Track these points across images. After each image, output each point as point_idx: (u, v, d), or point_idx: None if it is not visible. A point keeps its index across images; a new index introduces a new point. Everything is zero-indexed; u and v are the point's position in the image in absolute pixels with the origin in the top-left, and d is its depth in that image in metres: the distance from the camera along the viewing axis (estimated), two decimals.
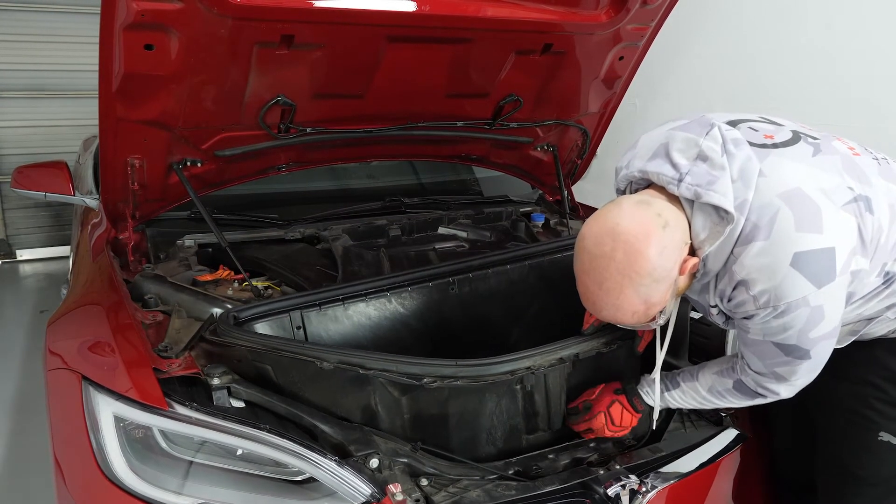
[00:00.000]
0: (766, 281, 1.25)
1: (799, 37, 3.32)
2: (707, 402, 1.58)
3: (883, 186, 1.34)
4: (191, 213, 2.41)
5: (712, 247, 1.30)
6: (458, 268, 2.07)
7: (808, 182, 1.27)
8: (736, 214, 1.25)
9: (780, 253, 1.23)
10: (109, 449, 1.40)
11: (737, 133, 1.33)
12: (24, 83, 5.25)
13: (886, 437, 1.50)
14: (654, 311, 1.36)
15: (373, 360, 1.51)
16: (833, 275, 1.24)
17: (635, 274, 1.28)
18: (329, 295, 1.89)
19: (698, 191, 1.26)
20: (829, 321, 1.29)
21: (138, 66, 1.74)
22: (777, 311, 1.27)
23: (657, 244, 1.27)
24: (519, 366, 1.53)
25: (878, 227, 1.30)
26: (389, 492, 1.38)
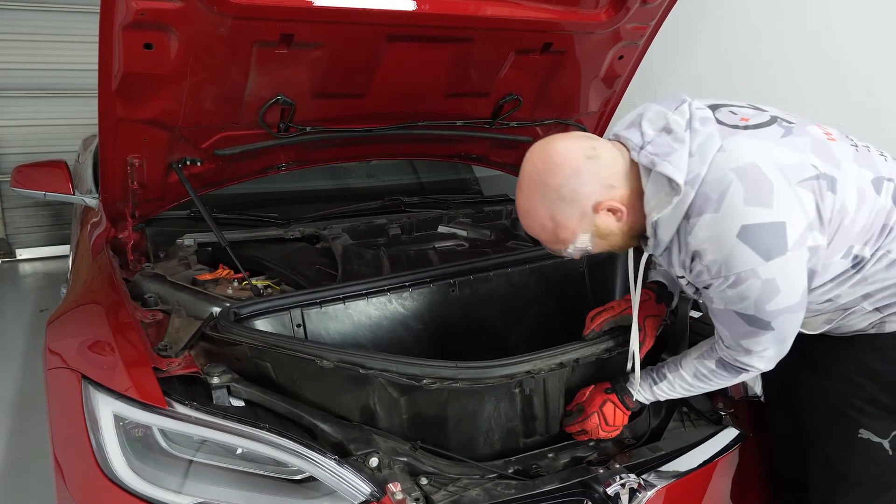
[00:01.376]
0: (715, 252, 1.29)
1: (799, 36, 3.31)
2: (695, 387, 1.57)
3: (854, 171, 1.35)
4: (190, 213, 2.41)
5: (660, 214, 1.33)
6: (460, 269, 2.07)
7: (765, 158, 1.29)
8: (686, 188, 1.29)
9: (727, 225, 1.26)
10: (109, 448, 1.40)
11: (707, 113, 1.37)
12: (23, 82, 5.25)
13: (866, 434, 1.50)
14: (564, 237, 1.39)
15: (372, 360, 1.51)
16: (783, 248, 1.26)
17: (545, 184, 1.35)
18: (330, 294, 1.89)
19: (655, 160, 1.31)
20: (788, 295, 1.30)
21: (138, 66, 1.74)
22: (729, 282, 1.30)
23: (574, 165, 1.33)
24: (518, 369, 1.52)
25: (840, 207, 1.31)
26: (389, 491, 1.38)
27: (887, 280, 1.39)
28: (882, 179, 1.37)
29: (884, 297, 1.42)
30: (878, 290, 1.41)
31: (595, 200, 1.34)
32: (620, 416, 1.61)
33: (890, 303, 1.42)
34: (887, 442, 1.48)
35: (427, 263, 2.33)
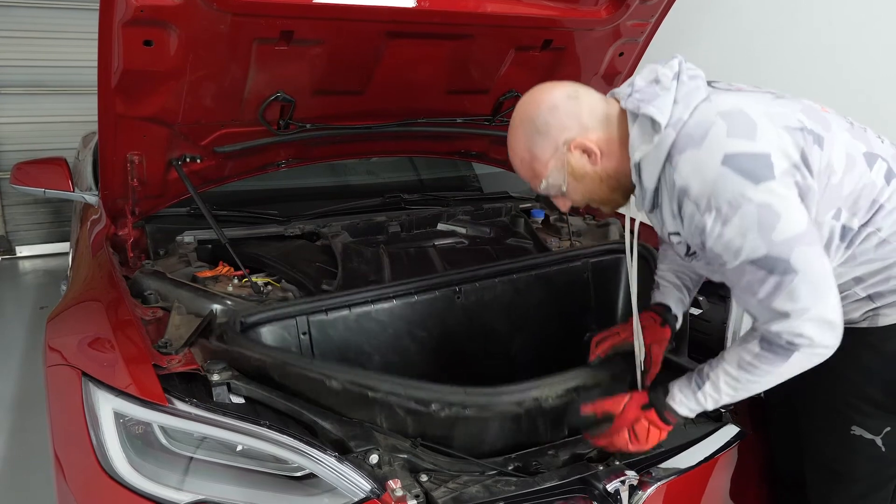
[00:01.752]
0: (700, 182, 1.27)
1: (800, 33, 3.31)
2: (741, 382, 1.40)
3: (845, 138, 1.35)
4: (190, 210, 2.41)
5: (642, 154, 1.35)
6: (466, 277, 2.08)
7: (752, 106, 1.31)
8: (667, 130, 1.31)
9: (710, 155, 1.26)
10: (109, 445, 1.40)
11: (699, 72, 1.40)
12: (23, 79, 5.25)
13: (858, 430, 1.48)
14: (538, 170, 1.44)
15: (382, 383, 1.51)
16: (770, 174, 1.23)
17: (525, 116, 1.43)
18: (336, 301, 1.90)
19: (640, 104, 1.34)
20: (791, 222, 1.24)
21: (137, 63, 1.74)
22: (721, 214, 1.25)
23: (552, 101, 1.40)
24: (526, 396, 1.54)
25: (827, 164, 1.31)
26: (389, 488, 1.38)
27: (877, 262, 1.38)
28: (876, 156, 1.37)
29: (875, 282, 1.40)
30: (869, 273, 1.39)
31: (568, 136, 1.39)
32: (655, 435, 1.49)
33: (882, 290, 1.40)
34: (880, 439, 1.46)
35: (427, 261, 2.33)
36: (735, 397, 1.43)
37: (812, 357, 1.32)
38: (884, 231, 1.35)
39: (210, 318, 1.86)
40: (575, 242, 2.62)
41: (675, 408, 1.46)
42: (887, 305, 1.41)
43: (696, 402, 1.45)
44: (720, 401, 1.44)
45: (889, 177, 1.36)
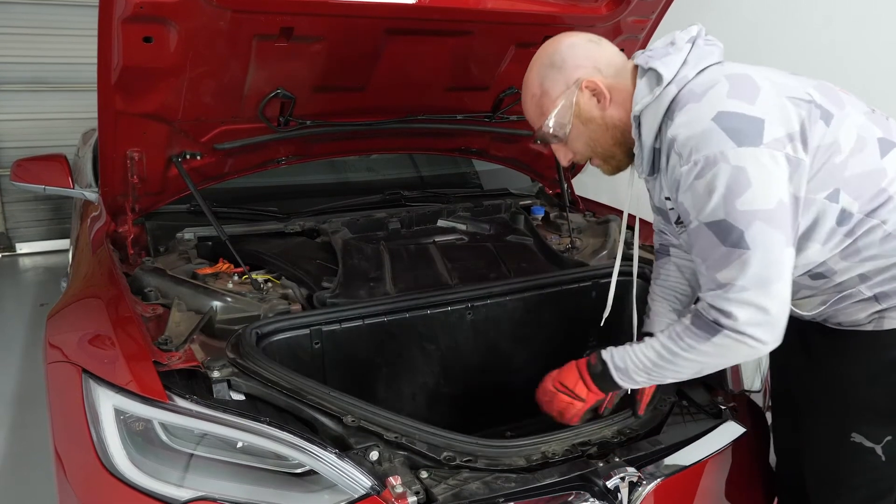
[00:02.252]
0: (688, 133, 1.26)
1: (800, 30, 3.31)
2: (665, 353, 1.39)
3: (860, 120, 1.32)
4: (190, 206, 2.41)
5: (643, 106, 1.36)
6: (479, 294, 2.09)
7: (760, 72, 1.31)
8: (669, 86, 1.32)
9: (705, 109, 1.26)
10: (110, 442, 1.40)
11: (717, 42, 1.40)
12: (23, 76, 5.25)
13: (859, 438, 1.44)
14: (546, 106, 1.44)
15: (396, 424, 1.52)
16: (757, 140, 1.21)
17: (544, 53, 1.45)
18: (351, 314, 1.92)
19: (649, 59, 1.37)
20: (760, 194, 1.21)
21: (137, 59, 1.74)
22: (697, 167, 1.24)
23: (572, 40, 1.43)
24: (535, 450, 1.55)
25: (832, 142, 1.27)
26: (389, 484, 1.38)
27: (882, 258, 1.33)
28: (892, 144, 1.32)
29: (881, 280, 1.35)
30: (875, 270, 1.35)
31: (580, 75, 1.40)
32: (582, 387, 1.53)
33: (887, 290, 1.36)
34: (880, 448, 1.43)
35: (427, 258, 2.34)
36: (653, 371, 1.43)
37: (737, 346, 1.29)
38: (889, 224, 1.31)
39: (210, 314, 1.86)
40: (575, 239, 2.62)
41: (604, 356, 1.50)
42: (894, 308, 1.37)
43: (622, 358, 1.48)
44: (639, 367, 1.45)
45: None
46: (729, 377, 1.88)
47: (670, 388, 1.80)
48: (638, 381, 1.47)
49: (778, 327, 1.28)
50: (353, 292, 2.05)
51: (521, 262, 2.39)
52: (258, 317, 1.87)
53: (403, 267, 2.25)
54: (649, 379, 1.46)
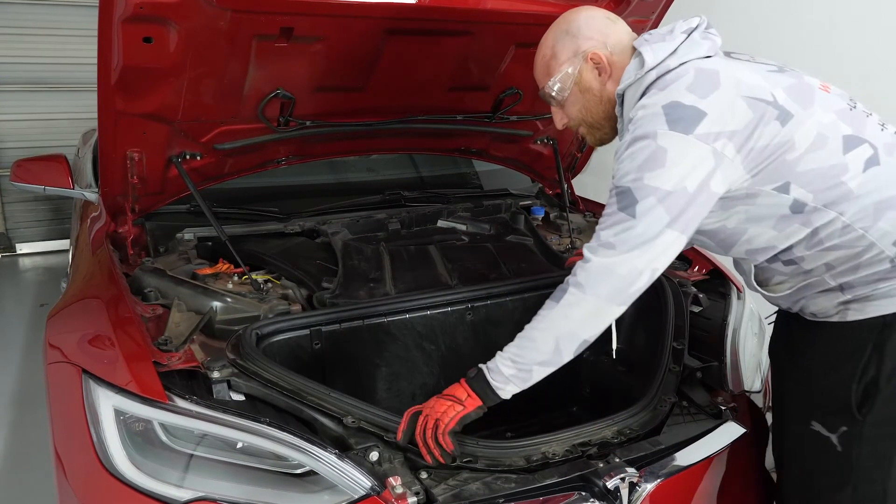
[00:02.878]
0: (643, 113, 1.37)
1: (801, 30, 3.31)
2: (524, 335, 1.46)
3: (826, 118, 1.37)
4: (190, 207, 2.41)
5: (625, 86, 1.46)
6: (479, 294, 2.09)
7: (729, 70, 1.37)
8: (649, 71, 1.40)
9: (663, 97, 1.35)
10: (110, 442, 1.40)
11: (715, 36, 1.46)
12: (23, 76, 5.24)
13: (817, 426, 1.47)
14: (553, 68, 1.55)
15: (397, 424, 1.51)
16: (689, 129, 1.30)
17: (563, 20, 1.56)
18: (351, 314, 1.92)
19: (643, 43, 1.46)
20: (667, 175, 1.31)
21: (137, 59, 1.74)
22: (631, 139, 1.36)
23: (591, 13, 1.54)
24: (535, 451, 1.56)
25: (785, 141, 1.33)
26: (389, 485, 1.38)
27: (844, 248, 1.38)
28: (861, 140, 1.37)
29: (844, 269, 1.40)
30: (838, 259, 1.39)
31: (590, 47, 1.51)
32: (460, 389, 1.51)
33: (850, 280, 1.40)
34: (835, 437, 1.45)
35: (428, 258, 2.34)
36: (517, 358, 1.46)
37: (579, 307, 1.39)
38: (847, 216, 1.35)
39: (210, 315, 1.86)
40: (575, 240, 2.62)
41: (481, 364, 1.52)
42: (857, 300, 1.41)
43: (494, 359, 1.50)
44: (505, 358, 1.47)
45: (870, 164, 1.36)
46: (729, 378, 1.89)
47: (671, 389, 1.80)
48: (507, 374, 1.47)
49: (619, 294, 1.37)
50: (353, 293, 2.05)
51: (521, 262, 2.39)
52: (258, 317, 1.87)
53: (403, 267, 2.25)
54: (517, 371, 1.46)
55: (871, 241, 1.35)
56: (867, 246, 1.36)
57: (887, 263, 1.36)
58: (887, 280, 1.37)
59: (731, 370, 1.89)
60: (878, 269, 1.37)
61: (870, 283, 1.39)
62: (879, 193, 1.35)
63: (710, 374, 1.90)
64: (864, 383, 1.40)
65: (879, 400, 1.39)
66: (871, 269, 1.38)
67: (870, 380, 1.39)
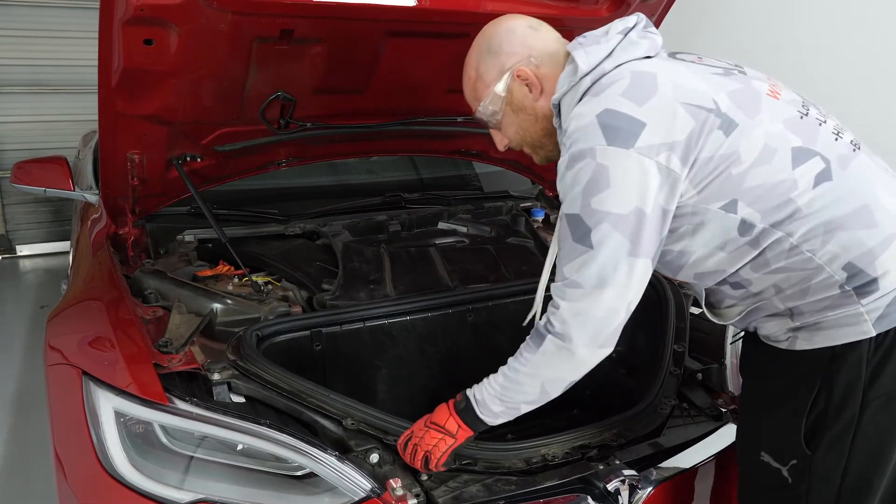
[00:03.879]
0: (576, 124, 1.27)
1: (801, 32, 3.31)
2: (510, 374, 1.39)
3: (773, 128, 1.26)
4: (191, 209, 2.41)
5: (560, 95, 1.35)
6: (480, 296, 2.09)
7: (668, 74, 1.28)
8: (584, 78, 1.31)
9: (596, 105, 1.25)
10: (110, 444, 1.40)
11: (654, 35, 1.37)
12: (23, 78, 5.24)
13: (766, 457, 1.38)
14: (479, 90, 1.44)
15: (397, 426, 1.52)
16: (629, 143, 1.20)
17: (482, 36, 1.45)
18: (351, 316, 1.92)
19: (577, 46, 1.36)
20: (617, 198, 1.21)
21: (138, 61, 1.74)
22: (570, 158, 1.26)
23: (512, 25, 1.42)
24: (535, 453, 1.55)
25: (731, 153, 1.23)
26: (390, 487, 1.38)
27: (791, 270, 1.28)
28: (811, 153, 1.25)
29: (792, 293, 1.30)
30: (787, 283, 1.30)
31: (514, 62, 1.40)
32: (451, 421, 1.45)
33: (799, 305, 1.30)
34: (786, 470, 1.36)
35: (428, 260, 2.34)
36: (504, 397, 1.39)
37: (559, 354, 1.30)
38: (795, 237, 1.25)
39: (210, 317, 1.86)
40: None
41: (468, 392, 1.45)
42: (806, 328, 1.31)
43: (480, 390, 1.43)
44: (492, 395, 1.40)
45: (821, 179, 1.25)
46: (729, 379, 1.88)
47: (671, 391, 1.80)
48: (496, 411, 1.41)
49: (601, 335, 1.29)
50: (353, 294, 2.05)
51: (521, 264, 2.39)
52: (258, 319, 1.88)
53: (404, 269, 2.25)
54: (505, 408, 1.41)
55: (818, 265, 1.25)
56: (815, 269, 1.26)
57: (836, 289, 1.26)
58: (837, 308, 1.26)
59: (731, 372, 1.89)
60: (827, 294, 1.26)
61: (819, 311, 1.28)
62: (830, 212, 1.24)
63: (710, 377, 1.89)
64: (814, 416, 1.31)
65: (829, 436, 1.30)
66: (820, 295, 1.27)
67: (819, 413, 1.30)
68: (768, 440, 1.40)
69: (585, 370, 1.35)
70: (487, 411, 1.42)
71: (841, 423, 1.29)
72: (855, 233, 1.24)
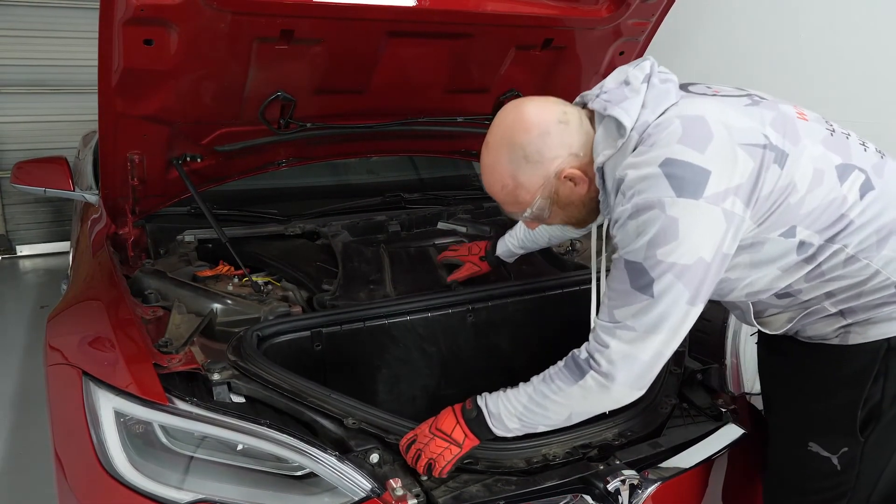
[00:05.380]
0: (636, 173, 1.25)
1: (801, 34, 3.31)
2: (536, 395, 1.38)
3: (817, 151, 1.30)
4: (191, 209, 2.41)
5: (605, 158, 1.33)
6: (480, 296, 2.09)
7: (715, 114, 1.27)
8: (631, 133, 1.29)
9: (655, 154, 1.24)
10: (110, 444, 1.40)
11: (671, 76, 1.36)
12: (23, 78, 5.25)
13: (815, 447, 1.44)
14: (523, 199, 1.40)
15: (397, 426, 1.52)
16: (698, 193, 1.20)
17: (513, 142, 1.35)
18: (351, 316, 1.92)
19: (607, 105, 1.32)
20: (685, 248, 1.21)
21: (138, 62, 1.74)
22: (634, 208, 1.24)
23: (544, 126, 1.34)
24: (535, 453, 1.56)
25: (788, 184, 1.26)
26: (390, 487, 1.38)
27: (847, 278, 1.32)
28: (852, 168, 1.31)
29: (846, 297, 1.35)
30: (840, 288, 1.34)
31: (559, 166, 1.36)
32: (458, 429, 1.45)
33: (853, 306, 1.35)
34: (836, 458, 1.42)
35: (427, 260, 2.34)
36: (525, 417, 1.40)
37: (599, 391, 1.31)
38: (850, 248, 1.30)
39: (210, 317, 1.86)
40: (575, 242, 2.61)
41: (479, 401, 1.45)
42: (858, 324, 1.36)
43: (495, 403, 1.43)
44: (511, 412, 1.41)
45: (865, 189, 1.30)
46: (730, 380, 1.88)
47: (671, 391, 1.80)
48: (511, 427, 1.42)
49: (644, 379, 1.31)
50: (353, 295, 2.05)
51: (521, 264, 2.38)
52: (258, 319, 1.88)
53: (403, 269, 2.25)
54: (522, 426, 1.42)
55: (875, 269, 1.30)
56: (872, 274, 1.31)
57: (892, 289, 1.32)
58: (890, 304, 1.33)
59: (731, 372, 1.89)
60: (882, 294, 1.32)
61: (872, 308, 1.34)
62: (879, 220, 1.30)
63: (710, 376, 1.89)
64: (869, 407, 1.37)
65: (883, 422, 1.37)
66: (875, 296, 1.33)
67: (874, 403, 1.37)
68: (819, 430, 1.45)
69: (616, 406, 1.38)
70: (501, 426, 1.43)
71: (895, 410, 1.36)
72: None
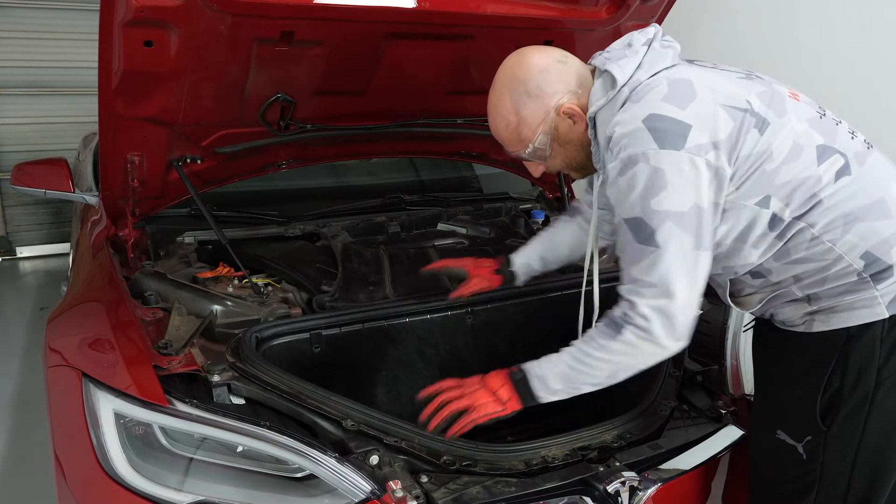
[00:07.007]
0: (622, 130, 1.32)
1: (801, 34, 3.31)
2: (580, 356, 1.41)
3: (800, 127, 1.34)
4: (191, 210, 2.41)
5: (597, 108, 1.40)
6: (478, 298, 2.08)
7: (702, 79, 1.34)
8: (622, 89, 1.36)
9: (639, 111, 1.31)
10: (110, 446, 1.40)
11: (673, 43, 1.43)
12: (24, 80, 5.25)
13: (782, 435, 1.46)
14: (524, 135, 1.47)
15: (395, 428, 1.52)
16: (679, 144, 1.26)
17: (515, 79, 1.45)
18: (351, 318, 1.92)
19: (606, 61, 1.41)
20: (675, 196, 1.27)
21: (138, 63, 1.74)
22: (621, 163, 1.31)
23: (543, 64, 1.44)
24: (535, 455, 1.56)
25: (764, 150, 1.31)
26: (389, 489, 1.38)
27: (812, 261, 1.36)
28: (832, 151, 1.34)
29: (811, 282, 1.38)
30: (806, 272, 1.38)
31: (558, 101, 1.43)
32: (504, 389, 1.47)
33: (818, 292, 1.38)
34: (801, 446, 1.44)
35: (427, 262, 2.33)
36: (570, 376, 1.43)
37: (641, 344, 1.34)
38: (816, 228, 1.33)
39: (210, 318, 1.86)
40: None
41: (525, 365, 1.49)
42: (823, 311, 1.39)
43: (540, 366, 1.47)
44: (557, 374, 1.44)
45: (841, 174, 1.33)
46: (730, 381, 1.88)
47: (671, 392, 1.80)
48: (555, 388, 1.45)
49: (679, 327, 1.33)
50: (352, 296, 2.05)
51: None
52: (258, 321, 1.88)
53: (403, 271, 2.25)
54: (567, 387, 1.45)
55: (839, 254, 1.33)
56: (835, 259, 1.34)
57: (854, 276, 1.34)
58: (853, 293, 1.35)
59: (731, 374, 1.89)
60: (845, 281, 1.35)
61: (836, 296, 1.37)
62: (848, 204, 1.33)
63: (710, 378, 1.90)
64: (829, 394, 1.39)
65: (843, 412, 1.38)
66: (839, 282, 1.36)
67: (834, 391, 1.38)
68: (784, 418, 1.47)
69: (660, 360, 1.40)
70: (545, 388, 1.45)
71: (854, 401, 1.37)
72: (872, 223, 1.32)
